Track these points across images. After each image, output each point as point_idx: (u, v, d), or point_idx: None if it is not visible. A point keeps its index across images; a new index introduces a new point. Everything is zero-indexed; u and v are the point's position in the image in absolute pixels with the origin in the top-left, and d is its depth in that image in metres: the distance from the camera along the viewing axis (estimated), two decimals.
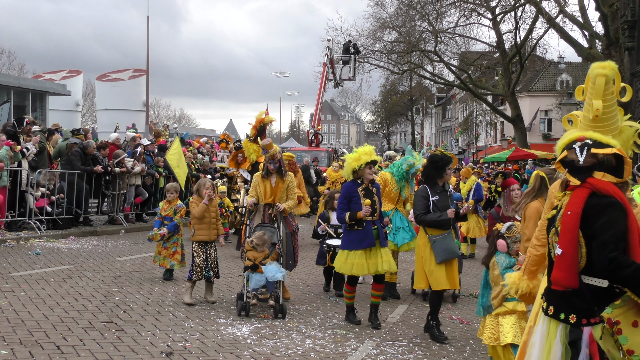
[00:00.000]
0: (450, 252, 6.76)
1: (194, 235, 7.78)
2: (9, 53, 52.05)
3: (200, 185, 7.92)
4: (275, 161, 7.87)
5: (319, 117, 33.66)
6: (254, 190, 8.03)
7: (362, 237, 6.94)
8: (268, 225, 7.78)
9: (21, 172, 12.15)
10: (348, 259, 6.97)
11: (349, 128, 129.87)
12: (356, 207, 6.92)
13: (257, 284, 7.22)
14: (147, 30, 28.57)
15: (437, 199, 6.86)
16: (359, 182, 7.09)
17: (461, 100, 56.23)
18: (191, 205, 7.87)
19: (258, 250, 7.33)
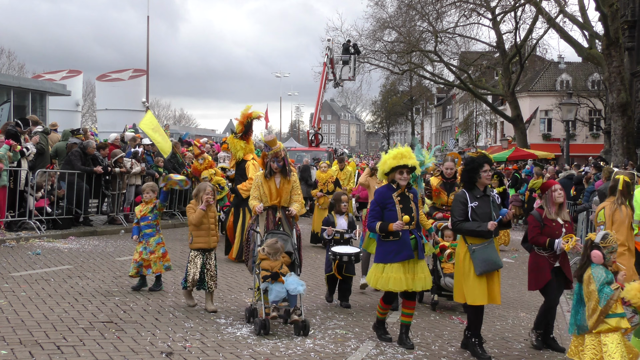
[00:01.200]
0: (491, 264, 6.16)
1: (192, 242, 7.35)
2: (8, 53, 52.07)
3: (200, 189, 7.43)
4: (279, 159, 7.23)
5: (319, 117, 33.66)
6: (256, 191, 7.28)
7: (398, 248, 6.26)
8: (280, 233, 7.14)
9: (20, 172, 12.14)
10: (384, 272, 6.27)
11: (349, 128, 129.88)
12: (390, 216, 6.26)
13: (277, 296, 6.52)
14: (147, 30, 28.61)
15: (477, 205, 6.25)
16: (394, 187, 6.37)
17: (461, 100, 56.24)
18: (188, 211, 7.41)
19: (272, 258, 6.74)
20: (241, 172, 10.94)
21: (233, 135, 11.02)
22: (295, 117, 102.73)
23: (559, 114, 35.47)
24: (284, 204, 7.29)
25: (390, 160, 6.30)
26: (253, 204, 7.26)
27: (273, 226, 7.23)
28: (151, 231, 8.18)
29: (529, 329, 6.99)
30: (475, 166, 6.35)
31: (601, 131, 40.29)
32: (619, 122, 20.75)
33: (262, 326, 6.43)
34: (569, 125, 24.14)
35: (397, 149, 6.45)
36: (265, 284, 6.61)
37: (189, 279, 7.25)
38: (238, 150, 10.92)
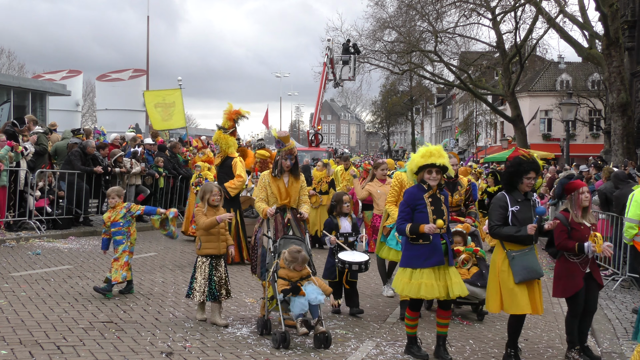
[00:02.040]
0: (531, 271, 5.81)
1: (201, 248, 6.82)
2: (8, 53, 52.08)
3: (206, 191, 6.90)
4: (292, 157, 6.83)
5: (319, 117, 33.68)
6: (263, 191, 6.84)
7: (429, 252, 5.86)
8: (294, 238, 6.68)
9: (20, 172, 12.13)
10: (413, 278, 5.89)
11: (349, 128, 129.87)
12: (420, 218, 5.87)
13: (302, 309, 6.07)
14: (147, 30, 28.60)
15: (518, 209, 5.86)
16: (425, 188, 5.97)
17: (461, 100, 56.24)
18: (197, 214, 6.88)
19: (292, 267, 6.25)
20: (226, 169, 10.49)
21: (222, 131, 10.57)
22: (295, 117, 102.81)
23: (559, 114, 35.49)
24: (293, 205, 6.93)
25: (418, 159, 5.94)
26: (261, 206, 6.80)
27: (282, 228, 6.79)
28: (121, 238, 7.74)
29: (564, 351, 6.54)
30: (521, 171, 5.90)
31: (601, 131, 40.29)
32: (619, 122, 20.74)
33: (283, 339, 6.00)
34: (569, 125, 24.15)
35: (426, 147, 6.05)
36: (281, 296, 6.14)
37: (195, 288, 6.74)
38: (230, 146, 10.54)
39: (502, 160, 31.77)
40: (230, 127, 10.53)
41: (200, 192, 7.01)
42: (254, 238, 7.04)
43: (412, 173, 6.06)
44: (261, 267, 6.77)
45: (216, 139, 10.65)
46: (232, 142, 10.57)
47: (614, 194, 10.68)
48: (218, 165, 10.83)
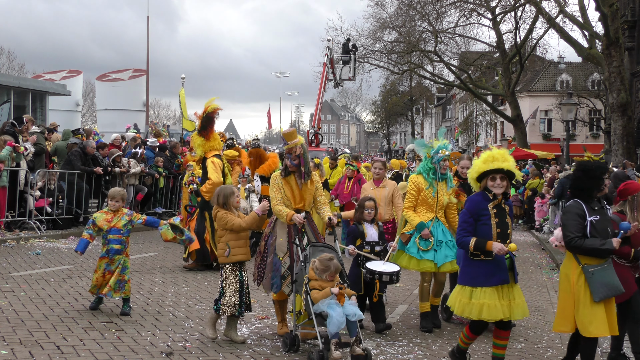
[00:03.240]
0: (612, 288, 5.24)
1: (230, 255, 6.08)
2: (8, 53, 52.09)
3: (227, 194, 6.17)
4: (293, 156, 6.20)
5: (319, 117, 33.67)
6: (279, 193, 6.22)
7: (491, 270, 5.30)
8: (322, 245, 6.10)
9: (20, 172, 12.14)
10: (473, 297, 5.33)
11: (349, 128, 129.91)
12: (484, 231, 5.30)
13: (339, 326, 5.43)
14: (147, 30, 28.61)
15: (597, 219, 5.29)
16: (490, 197, 5.39)
17: (461, 100, 56.26)
18: (225, 217, 6.08)
19: (324, 277, 5.67)
20: (204, 171, 10.00)
21: (196, 133, 10.08)
22: (295, 117, 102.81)
23: (559, 114, 35.51)
24: (308, 209, 6.31)
25: (480, 165, 5.40)
26: (282, 210, 6.10)
27: (295, 234, 6.17)
28: (119, 247, 6.85)
29: None
30: (598, 174, 5.37)
31: (601, 131, 40.32)
32: (619, 122, 20.75)
33: (320, 358, 5.42)
34: (569, 125, 24.16)
35: (489, 151, 5.49)
36: (319, 308, 5.54)
37: (225, 302, 6.03)
38: (197, 147, 9.97)
39: None
40: (198, 127, 10.02)
41: (220, 198, 6.16)
42: (263, 244, 6.35)
43: (474, 180, 5.51)
44: (273, 278, 6.16)
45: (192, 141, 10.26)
46: (199, 143, 9.89)
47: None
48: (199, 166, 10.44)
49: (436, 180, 7.06)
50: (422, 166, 7.19)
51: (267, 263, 6.25)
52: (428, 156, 7.12)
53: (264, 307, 7.69)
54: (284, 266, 6.16)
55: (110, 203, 7.03)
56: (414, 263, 7.13)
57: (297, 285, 5.93)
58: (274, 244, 6.24)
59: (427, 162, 7.11)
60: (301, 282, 5.81)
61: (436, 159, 7.04)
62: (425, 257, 7.03)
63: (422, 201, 7.11)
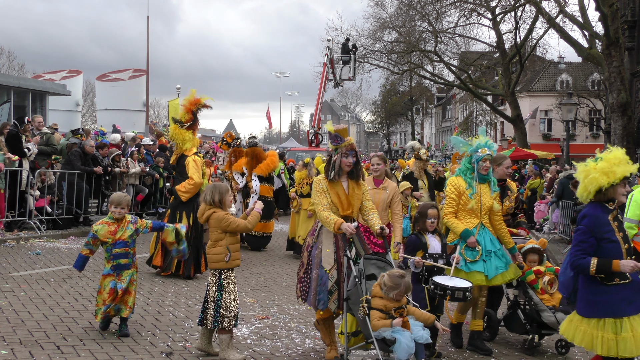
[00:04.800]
0: None
1: (230, 260, 5.53)
2: (8, 53, 52.12)
3: (223, 193, 5.63)
4: (353, 154, 5.65)
5: (319, 117, 33.65)
6: (325, 197, 5.56)
7: (631, 295, 4.56)
8: (376, 258, 5.50)
9: (21, 172, 12.15)
10: (623, 331, 4.53)
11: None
12: (612, 249, 4.57)
13: (409, 353, 4.78)
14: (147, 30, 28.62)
15: None
16: (610, 207, 4.71)
17: (461, 100, 56.26)
18: (226, 220, 5.53)
19: (390, 296, 5.00)
20: (180, 169, 9.23)
21: (177, 125, 9.16)
22: (295, 117, 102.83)
23: (559, 114, 35.51)
24: (355, 216, 5.68)
25: (618, 168, 4.61)
26: (330, 217, 5.44)
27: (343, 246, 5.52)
28: (127, 262, 6.10)
29: None
30: None
31: (601, 131, 40.32)
32: (619, 122, 20.75)
33: None
34: (569, 125, 24.17)
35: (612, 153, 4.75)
36: (381, 333, 4.86)
37: (226, 313, 5.47)
38: (186, 142, 9.14)
39: None
40: (187, 121, 9.17)
41: (215, 196, 5.59)
42: (306, 255, 5.71)
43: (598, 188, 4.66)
44: (319, 294, 5.50)
45: (171, 135, 9.29)
46: (189, 137, 9.18)
47: None
48: (173, 164, 9.53)
49: (476, 181, 6.32)
50: (462, 168, 6.48)
51: (312, 277, 5.56)
52: (467, 155, 6.43)
53: (264, 307, 7.69)
54: (331, 280, 5.49)
55: (115, 210, 6.08)
56: (462, 276, 6.14)
57: (350, 303, 5.25)
58: (319, 256, 5.56)
59: (466, 161, 6.44)
60: (355, 300, 5.13)
61: (475, 158, 6.31)
62: (474, 268, 6.18)
63: (464, 206, 6.34)
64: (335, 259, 5.52)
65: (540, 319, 6.32)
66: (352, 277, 5.25)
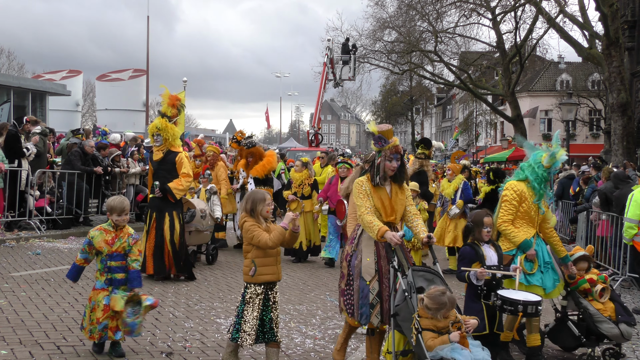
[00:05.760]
0: None
1: (255, 275, 5.08)
2: (8, 53, 52.14)
3: (257, 200, 5.13)
4: (398, 157, 5.26)
5: (319, 117, 33.67)
6: (369, 200, 5.20)
7: None
8: (423, 269, 5.05)
9: (21, 172, 12.15)
10: None
11: (349, 128, 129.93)
12: None
13: None
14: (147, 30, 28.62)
15: None
16: None
17: (461, 100, 56.29)
18: (252, 230, 5.03)
19: (439, 316, 4.56)
20: (169, 167, 8.67)
21: (166, 120, 8.66)
22: (295, 117, 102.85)
23: (559, 114, 35.52)
24: (398, 222, 5.34)
25: None
26: (374, 224, 5.05)
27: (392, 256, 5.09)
28: (123, 276, 5.38)
29: None
30: None
31: (601, 131, 40.34)
32: (619, 122, 20.75)
33: None
34: (569, 125, 24.19)
35: None
36: (438, 354, 4.46)
37: (245, 329, 5.06)
38: (176, 137, 8.76)
39: (502, 160, 31.78)
40: (174, 115, 8.82)
41: (248, 203, 5.16)
42: (346, 266, 5.32)
43: None
44: (360, 307, 5.15)
45: (157, 127, 8.66)
46: (178, 133, 8.83)
47: (614, 194, 10.68)
48: (158, 160, 8.80)
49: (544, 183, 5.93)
50: (532, 173, 5.97)
51: (354, 289, 5.20)
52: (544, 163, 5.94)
53: None
54: (372, 292, 5.14)
55: (117, 219, 5.40)
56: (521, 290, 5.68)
57: (398, 320, 4.83)
58: (359, 266, 5.20)
59: (541, 169, 5.92)
60: (405, 317, 4.74)
61: (554, 168, 5.97)
62: (532, 281, 5.82)
63: (524, 214, 5.93)
64: (376, 269, 5.16)
65: (598, 330, 5.86)
66: (401, 291, 4.84)
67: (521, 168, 6.15)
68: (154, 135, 8.76)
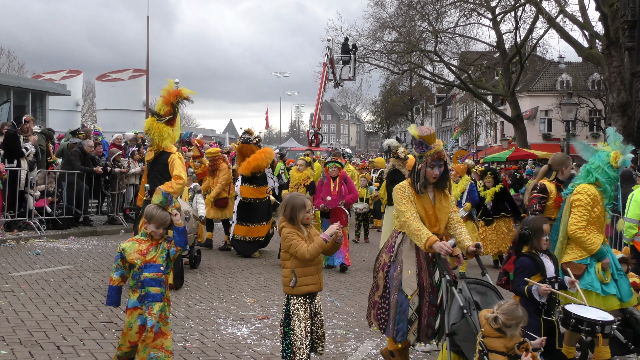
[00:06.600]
0: None
1: (296, 286, 4.73)
2: (8, 53, 52.16)
3: (297, 206, 4.77)
4: (440, 164, 4.91)
5: (319, 117, 33.68)
6: (411, 205, 4.87)
7: None
8: (475, 281, 4.69)
9: (20, 172, 12.15)
10: None
11: (349, 128, 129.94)
12: None
13: None
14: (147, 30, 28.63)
15: None
16: None
17: (461, 100, 56.27)
18: (290, 237, 4.72)
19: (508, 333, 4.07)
20: (160, 168, 8.24)
21: (155, 119, 8.24)
22: (295, 117, 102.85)
23: (559, 114, 35.51)
24: (443, 232, 4.96)
25: None
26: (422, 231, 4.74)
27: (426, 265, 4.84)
28: (159, 291, 4.62)
29: None
30: None
31: (601, 131, 40.34)
32: (619, 122, 20.76)
33: None
34: (569, 125, 24.16)
35: None
36: None
37: (296, 344, 4.67)
38: (165, 138, 8.21)
39: (502, 160, 31.77)
40: (167, 114, 8.28)
41: (287, 209, 4.81)
42: (382, 277, 4.99)
43: None
44: (397, 323, 4.81)
45: (147, 128, 8.28)
46: (168, 133, 8.27)
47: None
48: (149, 161, 8.42)
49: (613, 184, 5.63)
50: (603, 175, 5.63)
51: (391, 303, 4.85)
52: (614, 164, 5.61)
53: (264, 307, 7.69)
54: (412, 307, 4.79)
55: (154, 231, 4.64)
56: (597, 301, 5.40)
57: (457, 340, 4.42)
58: (399, 278, 4.86)
59: (612, 170, 5.61)
60: (466, 336, 4.34)
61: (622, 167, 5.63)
62: (609, 291, 5.44)
63: (595, 219, 5.58)
64: (418, 283, 4.80)
65: None
66: (458, 307, 4.44)
67: (587, 171, 5.74)
68: (146, 135, 8.39)
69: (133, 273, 4.60)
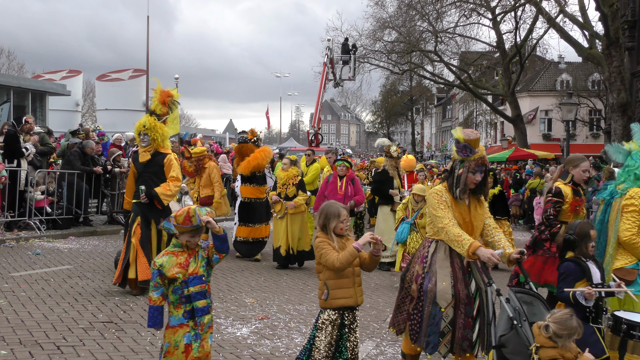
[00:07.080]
0: None
1: (329, 299, 4.46)
2: (8, 53, 52.15)
3: (331, 215, 4.53)
4: (482, 169, 4.76)
5: (319, 117, 33.66)
6: (449, 210, 4.72)
7: None
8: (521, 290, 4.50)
9: (20, 172, 12.15)
10: None
11: (349, 128, 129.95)
12: None
13: None
14: (147, 30, 28.64)
15: None
16: None
17: (461, 100, 56.26)
18: (322, 247, 4.46)
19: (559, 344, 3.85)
20: (156, 169, 7.92)
21: (154, 118, 7.95)
22: (295, 117, 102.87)
23: (559, 114, 35.50)
24: (477, 239, 4.78)
25: None
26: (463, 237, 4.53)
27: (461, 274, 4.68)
28: (206, 303, 4.22)
29: None
30: None
31: (601, 131, 40.33)
32: (619, 122, 20.76)
33: None
34: (569, 125, 24.15)
35: None
36: None
37: (316, 357, 4.45)
38: (165, 138, 8.00)
39: (502, 160, 31.78)
40: (164, 114, 8.06)
41: (320, 217, 4.58)
42: (416, 289, 4.77)
43: None
44: (428, 335, 4.65)
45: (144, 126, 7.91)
46: (167, 133, 8.07)
47: None
48: (144, 162, 8.02)
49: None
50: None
51: (424, 315, 4.68)
52: None
53: (264, 307, 7.69)
54: (445, 320, 4.63)
55: (190, 240, 4.13)
56: None
57: (506, 353, 4.24)
58: (434, 290, 4.65)
59: None
60: (516, 349, 4.16)
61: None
62: None
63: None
64: (453, 294, 4.62)
65: None
66: (506, 318, 4.26)
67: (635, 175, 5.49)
68: (140, 134, 7.97)
69: (174, 288, 4.17)
